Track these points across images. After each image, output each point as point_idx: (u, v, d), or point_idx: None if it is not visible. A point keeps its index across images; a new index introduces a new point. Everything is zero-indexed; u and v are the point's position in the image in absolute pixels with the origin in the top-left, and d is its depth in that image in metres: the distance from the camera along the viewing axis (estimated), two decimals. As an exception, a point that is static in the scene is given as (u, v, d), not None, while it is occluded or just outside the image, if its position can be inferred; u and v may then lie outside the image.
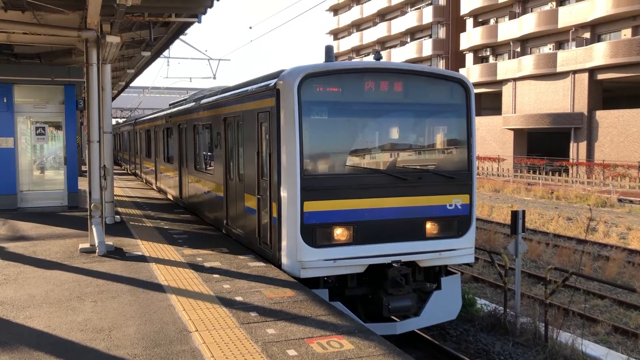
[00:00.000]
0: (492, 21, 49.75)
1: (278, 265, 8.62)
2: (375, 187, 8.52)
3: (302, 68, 8.35)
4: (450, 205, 8.95)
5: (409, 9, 60.15)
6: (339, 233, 8.35)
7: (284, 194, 8.29)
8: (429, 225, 8.84)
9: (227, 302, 7.05)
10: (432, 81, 9.09)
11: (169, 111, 17.96)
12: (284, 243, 8.39)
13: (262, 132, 9.15)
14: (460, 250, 9.06)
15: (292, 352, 5.48)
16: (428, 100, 9.16)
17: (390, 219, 8.57)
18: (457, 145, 9.36)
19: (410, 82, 8.87)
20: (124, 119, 46.59)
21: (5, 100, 15.21)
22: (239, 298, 7.23)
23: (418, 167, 9.15)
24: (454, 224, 9.00)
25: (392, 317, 9.05)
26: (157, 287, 7.79)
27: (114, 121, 48.74)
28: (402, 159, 9.22)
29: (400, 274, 8.57)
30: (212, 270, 8.64)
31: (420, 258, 8.80)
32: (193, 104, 14.37)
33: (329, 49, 9.21)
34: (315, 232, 8.22)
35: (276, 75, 8.76)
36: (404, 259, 8.64)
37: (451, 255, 9.00)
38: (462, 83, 9.13)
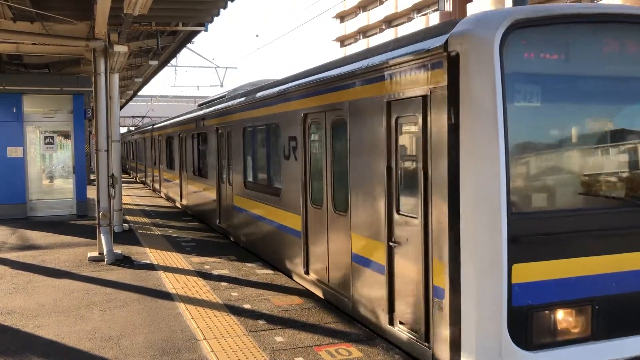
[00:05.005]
0: (498, 26, 49.67)
1: None
2: (631, 233, 4.91)
3: (503, 13, 4.74)
4: None
5: (415, 15, 60.26)
6: (569, 320, 4.82)
7: (467, 248, 4.68)
8: None
9: (235, 310, 7.04)
10: None
11: (200, 112, 14.64)
12: (467, 341, 4.70)
13: (398, 134, 5.68)
14: None
15: (300, 360, 5.47)
16: None
17: None
18: None
19: None
20: (134, 127, 46.65)
21: (14, 110, 15.37)
22: (247, 306, 7.22)
23: None
24: None
25: None
26: (166, 295, 7.79)
27: (123, 129, 49.03)
28: None
29: None
30: (220, 278, 8.64)
31: None
32: (241, 99, 10.97)
33: None
34: (532, 321, 4.68)
35: (440, 30, 5.10)
36: None
37: None
38: None
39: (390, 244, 5.72)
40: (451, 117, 4.73)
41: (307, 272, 7.99)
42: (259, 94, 9.81)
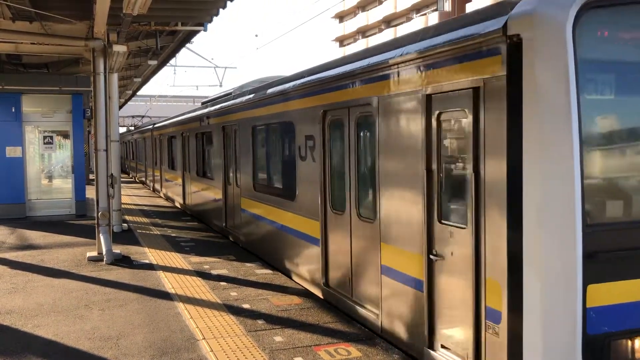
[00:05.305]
0: (498, 26, 49.68)
1: None
2: None
3: None
4: None
5: (414, 15, 60.29)
6: None
7: (532, 265, 3.97)
8: None
9: (235, 310, 7.04)
10: None
11: (205, 111, 14.06)
12: None
13: (440, 132, 4.96)
14: None
15: (299, 360, 5.47)
16: None
17: None
18: None
19: None
20: (134, 126, 46.62)
21: (13, 110, 15.38)
22: (246, 305, 7.22)
23: None
24: None
25: None
26: (165, 295, 7.80)
27: (122, 129, 49.00)
28: None
29: None
30: (219, 278, 8.64)
31: None
32: (250, 96, 10.30)
33: None
34: (609, 352, 4.04)
35: (493, 11, 4.34)
36: None
37: None
38: None
39: (431, 257, 5.02)
40: (512, 112, 4.02)
41: (326, 284, 7.36)
42: (270, 90, 9.14)
